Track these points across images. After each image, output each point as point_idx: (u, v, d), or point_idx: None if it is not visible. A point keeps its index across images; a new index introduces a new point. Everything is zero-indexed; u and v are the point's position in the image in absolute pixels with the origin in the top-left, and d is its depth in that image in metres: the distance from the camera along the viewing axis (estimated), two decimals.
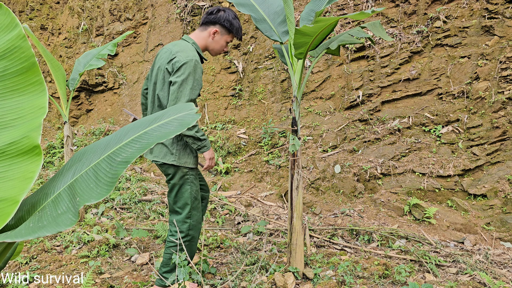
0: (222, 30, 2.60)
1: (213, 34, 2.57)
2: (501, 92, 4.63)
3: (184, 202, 2.53)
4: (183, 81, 2.33)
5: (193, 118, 1.21)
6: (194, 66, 2.37)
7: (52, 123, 8.51)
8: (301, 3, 6.58)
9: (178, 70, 2.35)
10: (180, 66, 2.35)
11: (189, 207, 2.54)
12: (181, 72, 2.34)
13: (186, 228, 2.54)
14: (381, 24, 2.80)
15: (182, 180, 2.52)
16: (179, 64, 2.35)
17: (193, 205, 2.56)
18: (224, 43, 2.65)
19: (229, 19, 2.58)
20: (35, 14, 9.00)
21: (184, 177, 2.52)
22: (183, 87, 2.33)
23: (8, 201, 1.04)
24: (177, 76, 2.34)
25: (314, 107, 5.96)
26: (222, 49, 2.68)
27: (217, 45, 2.63)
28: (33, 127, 1.11)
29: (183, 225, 2.54)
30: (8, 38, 1.13)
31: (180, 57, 2.37)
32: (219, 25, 2.58)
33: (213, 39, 2.59)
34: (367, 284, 2.77)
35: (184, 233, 2.54)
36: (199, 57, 2.52)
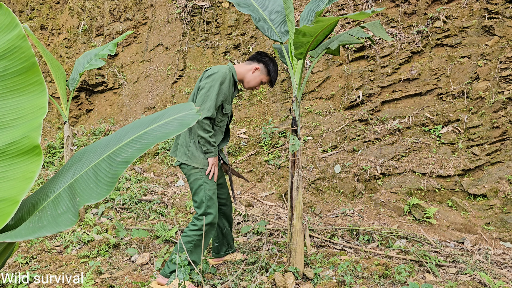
0: (264, 70, 2.90)
1: (254, 69, 2.87)
2: (501, 92, 4.63)
3: (200, 200, 2.69)
4: (211, 87, 2.61)
5: (193, 118, 1.21)
6: (223, 77, 2.65)
7: (52, 123, 8.51)
8: (301, 3, 6.58)
9: (208, 77, 2.66)
10: (210, 74, 2.67)
11: (204, 205, 2.68)
12: (210, 79, 2.63)
13: (200, 224, 2.68)
14: (381, 24, 2.80)
15: (195, 180, 2.71)
16: (209, 73, 2.68)
17: (208, 204, 2.68)
18: (259, 82, 2.91)
19: (273, 65, 2.90)
20: (35, 14, 9.00)
21: (197, 176, 2.70)
22: (210, 92, 2.60)
23: (8, 201, 1.04)
24: (206, 82, 2.64)
25: (314, 107, 5.96)
26: (256, 86, 2.94)
27: (253, 80, 2.89)
28: (33, 127, 1.11)
29: (198, 221, 2.70)
30: (8, 38, 1.13)
31: (212, 69, 2.70)
32: (263, 65, 2.89)
33: (252, 73, 2.87)
34: (367, 284, 2.77)
35: (197, 227, 2.68)
36: (232, 77, 2.78)
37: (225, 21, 7.27)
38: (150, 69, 7.85)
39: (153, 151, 6.56)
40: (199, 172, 2.69)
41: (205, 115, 2.59)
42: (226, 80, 2.66)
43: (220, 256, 3.20)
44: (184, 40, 7.55)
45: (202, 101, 2.59)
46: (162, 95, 7.50)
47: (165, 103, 7.43)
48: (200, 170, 2.69)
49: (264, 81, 2.92)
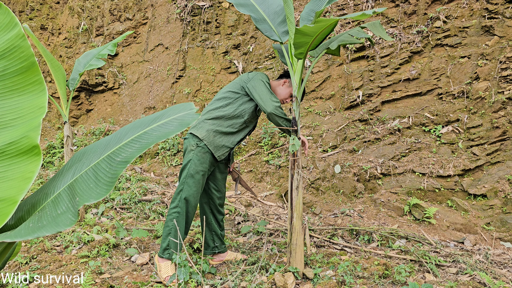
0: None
1: (284, 82, 3.05)
2: (501, 92, 4.63)
3: (183, 176, 2.89)
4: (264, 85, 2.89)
5: (193, 117, 1.20)
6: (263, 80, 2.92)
7: (52, 123, 8.51)
8: (301, 3, 6.58)
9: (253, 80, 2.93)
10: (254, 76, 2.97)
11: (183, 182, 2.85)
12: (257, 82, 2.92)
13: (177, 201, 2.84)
14: (381, 24, 2.80)
15: (188, 152, 2.94)
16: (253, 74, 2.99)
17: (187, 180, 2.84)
18: (289, 94, 3.04)
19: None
20: (35, 14, 9.00)
21: (191, 153, 2.88)
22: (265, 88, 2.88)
23: (7, 201, 1.04)
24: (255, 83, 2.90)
25: (314, 107, 5.96)
26: (286, 98, 3.07)
27: (283, 92, 3.05)
28: (33, 127, 1.11)
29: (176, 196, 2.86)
30: (8, 37, 1.13)
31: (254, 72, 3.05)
32: (290, 80, 3.02)
33: (282, 86, 3.05)
34: (367, 284, 2.77)
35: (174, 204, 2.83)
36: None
37: (225, 21, 7.27)
38: (150, 69, 7.85)
39: (153, 151, 6.56)
40: (193, 151, 2.82)
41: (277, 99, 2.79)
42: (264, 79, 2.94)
43: (206, 253, 3.20)
44: (184, 40, 7.55)
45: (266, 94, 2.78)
46: (162, 95, 7.50)
47: (165, 103, 7.43)
48: (194, 149, 2.81)
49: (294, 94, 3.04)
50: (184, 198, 2.79)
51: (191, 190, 2.80)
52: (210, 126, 2.87)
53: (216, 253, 3.24)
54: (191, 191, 2.81)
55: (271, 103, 2.74)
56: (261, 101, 2.78)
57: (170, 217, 2.81)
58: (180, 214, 2.80)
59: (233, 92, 2.96)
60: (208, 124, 2.87)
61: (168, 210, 2.85)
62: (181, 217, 2.81)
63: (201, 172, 2.83)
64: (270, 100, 2.75)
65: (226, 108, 2.92)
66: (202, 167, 2.83)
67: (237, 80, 3.03)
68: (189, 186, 2.80)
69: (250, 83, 2.88)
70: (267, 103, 2.75)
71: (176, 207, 2.81)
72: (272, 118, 2.77)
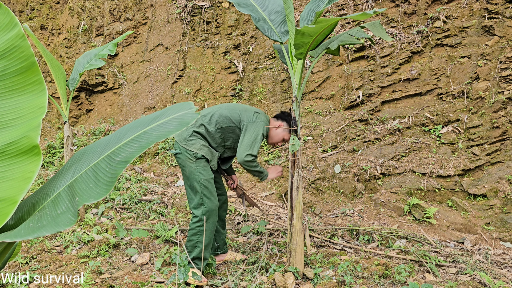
0: (287, 127, 3.01)
1: (278, 126, 2.99)
2: (501, 92, 4.63)
3: (195, 191, 2.90)
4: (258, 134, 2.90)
5: (192, 116, 1.20)
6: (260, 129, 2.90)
7: (52, 123, 8.51)
8: (301, 3, 6.58)
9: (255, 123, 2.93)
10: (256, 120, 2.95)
11: (199, 195, 2.87)
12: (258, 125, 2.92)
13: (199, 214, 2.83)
14: (381, 24, 2.80)
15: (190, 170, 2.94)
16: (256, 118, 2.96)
17: (204, 193, 2.85)
18: (282, 138, 3.02)
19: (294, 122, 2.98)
20: (35, 14, 9.00)
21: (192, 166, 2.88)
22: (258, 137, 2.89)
23: (6, 201, 1.03)
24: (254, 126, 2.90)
25: (314, 107, 5.96)
26: (277, 142, 3.05)
27: (276, 136, 3.01)
28: (32, 127, 1.10)
29: (196, 211, 2.86)
30: (8, 37, 1.13)
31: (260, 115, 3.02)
32: (286, 123, 3.00)
33: (276, 129, 3.00)
34: (367, 284, 2.77)
35: (197, 218, 2.83)
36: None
37: (225, 21, 7.27)
38: (150, 69, 7.85)
39: (153, 151, 6.56)
40: (194, 163, 2.79)
41: (255, 153, 2.78)
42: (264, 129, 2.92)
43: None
44: (184, 40, 7.55)
45: (248, 142, 2.76)
46: (162, 95, 7.50)
47: (165, 103, 7.43)
48: (195, 161, 2.78)
49: (286, 138, 3.03)
50: (208, 211, 2.77)
51: (212, 202, 2.80)
52: (202, 141, 2.85)
53: (218, 254, 3.24)
54: (213, 202, 2.80)
55: (243, 155, 2.72)
56: (244, 144, 2.76)
57: (194, 231, 2.78)
58: (206, 227, 2.78)
59: (231, 122, 2.91)
60: (199, 139, 2.85)
61: (191, 224, 2.81)
62: (208, 230, 2.80)
63: (211, 180, 2.83)
64: (244, 151, 2.73)
65: (218, 134, 2.89)
66: (209, 174, 2.82)
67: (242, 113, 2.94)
68: (208, 198, 2.78)
69: (250, 124, 2.85)
70: (240, 151, 2.75)
71: (199, 221, 2.78)
72: (244, 167, 2.80)
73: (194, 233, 2.78)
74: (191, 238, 2.80)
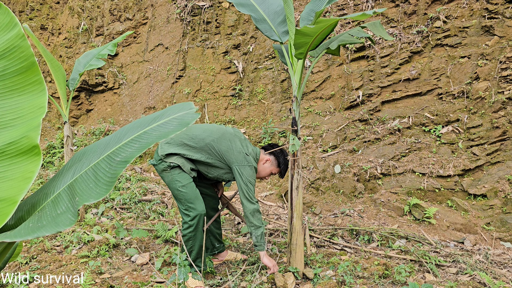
0: (274, 162, 2.98)
1: (265, 160, 2.95)
2: (501, 92, 4.63)
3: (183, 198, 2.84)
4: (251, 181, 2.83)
5: (192, 117, 1.20)
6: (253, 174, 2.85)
7: (52, 123, 8.51)
8: (301, 3, 6.58)
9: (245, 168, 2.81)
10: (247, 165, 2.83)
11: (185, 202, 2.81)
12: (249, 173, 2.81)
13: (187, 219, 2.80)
14: (381, 23, 2.80)
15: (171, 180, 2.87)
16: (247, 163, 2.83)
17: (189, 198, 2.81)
18: (269, 172, 2.99)
19: (283, 157, 2.97)
20: (35, 14, 9.00)
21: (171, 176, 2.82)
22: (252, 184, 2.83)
23: (6, 201, 1.04)
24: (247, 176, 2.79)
25: (314, 107, 5.96)
26: (265, 176, 3.01)
27: (263, 171, 2.97)
28: (32, 127, 1.10)
29: (186, 217, 2.81)
30: (8, 37, 1.13)
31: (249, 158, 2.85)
32: (274, 157, 2.97)
33: (263, 164, 2.95)
34: (367, 284, 2.77)
35: (187, 224, 2.80)
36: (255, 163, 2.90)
37: (225, 21, 7.27)
38: (150, 69, 7.85)
39: (153, 151, 6.56)
40: (169, 172, 2.74)
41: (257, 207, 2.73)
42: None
43: (206, 255, 3.20)
44: (184, 40, 7.55)
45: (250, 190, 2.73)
46: (162, 95, 7.50)
47: (165, 103, 7.43)
48: (170, 170, 2.74)
49: (274, 172, 3.00)
50: (195, 216, 2.74)
51: (197, 207, 2.75)
52: (180, 153, 2.77)
53: (216, 253, 3.24)
54: (198, 207, 2.75)
55: (251, 205, 2.70)
56: (244, 194, 2.72)
57: (186, 237, 2.77)
58: (195, 232, 2.76)
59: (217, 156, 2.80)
60: (177, 151, 2.77)
61: (182, 231, 2.80)
62: (196, 233, 2.77)
63: (190, 184, 2.76)
64: (251, 201, 2.71)
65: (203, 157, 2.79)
66: (186, 180, 2.75)
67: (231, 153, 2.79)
68: (193, 203, 2.74)
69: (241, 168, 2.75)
70: (247, 203, 2.71)
71: (189, 227, 2.75)
72: (246, 216, 2.74)
73: (187, 240, 2.77)
74: (186, 244, 2.79)
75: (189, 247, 2.78)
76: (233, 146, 2.79)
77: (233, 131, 2.92)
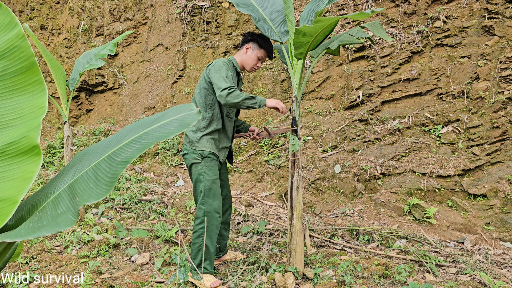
0: (254, 45, 2.90)
1: (246, 50, 2.90)
2: (501, 92, 4.63)
3: (199, 191, 2.85)
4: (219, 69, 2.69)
5: (194, 118, 1.20)
6: (223, 61, 2.76)
7: (52, 123, 8.51)
8: (301, 3, 6.58)
9: (210, 66, 2.79)
10: (212, 64, 2.79)
11: (202, 195, 2.81)
12: (214, 66, 2.74)
13: (201, 215, 2.79)
14: (381, 24, 2.80)
15: (195, 170, 2.87)
16: (211, 64, 2.80)
17: (207, 193, 2.80)
18: (256, 58, 2.90)
19: (261, 38, 2.89)
20: (35, 14, 9.00)
21: (197, 166, 2.83)
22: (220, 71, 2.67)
23: (7, 201, 1.04)
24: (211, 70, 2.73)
25: (314, 107, 5.96)
26: (255, 63, 2.92)
27: (250, 59, 2.90)
28: (33, 127, 1.11)
29: (199, 212, 2.81)
30: (8, 37, 1.13)
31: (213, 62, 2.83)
32: (251, 42, 2.90)
33: (246, 54, 2.90)
34: (367, 284, 2.77)
35: (199, 220, 2.79)
36: (232, 66, 2.87)
37: (225, 21, 7.27)
38: (150, 69, 7.85)
39: (153, 151, 6.56)
40: (200, 163, 2.75)
41: (228, 84, 2.58)
42: (226, 64, 2.75)
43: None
44: (184, 40, 7.55)
45: (217, 81, 2.61)
46: (162, 95, 7.50)
47: (165, 103, 7.43)
48: (201, 160, 2.75)
49: (260, 55, 2.89)
50: (209, 212, 2.73)
51: (214, 203, 2.76)
52: (206, 135, 2.80)
53: (220, 256, 3.24)
54: (214, 204, 2.76)
55: (220, 92, 2.56)
56: (218, 81, 2.61)
57: (197, 233, 2.75)
58: (208, 229, 2.75)
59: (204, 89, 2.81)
60: (202, 134, 2.80)
61: (194, 226, 2.78)
62: (209, 231, 2.75)
63: (216, 181, 2.79)
64: (226, 80, 2.60)
65: (209, 113, 2.80)
66: (214, 175, 2.78)
67: (203, 75, 2.87)
68: (211, 198, 2.75)
69: (212, 67, 2.73)
70: (223, 83, 2.58)
71: (201, 223, 2.74)
72: (230, 106, 2.62)
73: (198, 236, 2.75)
74: (195, 241, 2.76)
75: (198, 245, 2.74)
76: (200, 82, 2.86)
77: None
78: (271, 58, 2.99)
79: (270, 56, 2.96)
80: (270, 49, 2.91)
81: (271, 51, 2.92)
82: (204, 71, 2.87)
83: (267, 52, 2.91)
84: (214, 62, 2.78)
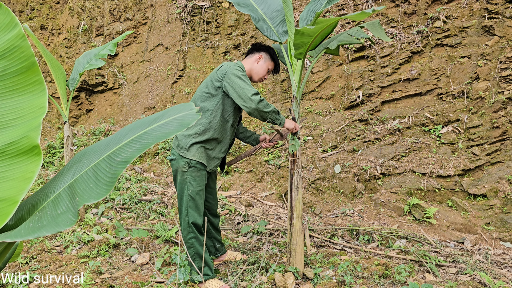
0: (266, 56, 2.89)
1: (258, 58, 2.86)
2: (501, 92, 4.63)
3: (181, 200, 2.78)
4: (241, 77, 2.58)
5: (193, 118, 1.20)
6: (238, 70, 2.62)
7: (52, 123, 8.51)
8: (301, 3, 6.58)
9: (227, 74, 2.61)
10: (227, 70, 2.63)
11: (184, 205, 2.74)
12: (232, 75, 2.58)
13: (185, 224, 2.75)
14: (380, 24, 2.80)
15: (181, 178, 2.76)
16: (225, 68, 2.64)
17: (189, 204, 2.71)
18: (266, 69, 2.89)
19: (272, 51, 2.90)
20: (35, 14, 9.00)
21: (184, 174, 2.73)
22: (243, 80, 2.56)
23: (7, 201, 1.04)
24: (231, 78, 2.58)
25: (314, 107, 5.96)
26: (264, 74, 2.90)
27: (261, 69, 2.87)
28: (33, 127, 1.11)
29: (183, 222, 2.75)
30: (8, 37, 1.13)
31: (225, 65, 2.70)
32: (264, 52, 2.89)
33: (258, 63, 2.86)
34: (367, 284, 2.77)
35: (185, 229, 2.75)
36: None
37: (225, 21, 7.27)
38: (150, 69, 7.85)
39: (153, 151, 6.56)
40: (186, 172, 2.66)
41: (256, 91, 2.51)
42: (242, 70, 2.64)
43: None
44: (184, 40, 7.55)
45: (244, 86, 2.51)
46: (162, 95, 7.50)
47: (165, 103, 7.43)
48: (187, 169, 2.65)
49: (270, 67, 2.90)
50: (192, 223, 2.68)
51: (196, 213, 2.69)
52: (197, 143, 2.66)
53: (218, 256, 3.24)
54: (197, 213, 2.69)
55: (250, 97, 2.47)
56: (240, 98, 2.50)
57: (188, 244, 2.70)
58: (196, 238, 2.71)
59: (208, 93, 2.68)
60: (194, 141, 2.66)
61: (183, 238, 2.72)
62: (198, 240, 2.72)
63: (200, 192, 2.71)
64: (248, 95, 2.48)
65: (207, 119, 2.66)
66: (199, 186, 2.69)
67: (209, 79, 2.73)
68: (193, 210, 2.68)
69: (226, 78, 2.58)
70: (246, 100, 2.48)
71: (189, 233, 2.69)
72: (256, 114, 2.53)
73: (189, 246, 2.70)
74: (189, 252, 2.71)
75: (192, 255, 2.70)
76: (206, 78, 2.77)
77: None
78: (277, 73, 3.01)
79: (277, 71, 2.99)
80: (279, 64, 2.96)
81: (279, 66, 2.97)
82: (212, 75, 2.72)
83: (275, 66, 2.94)
84: (229, 67, 2.63)
